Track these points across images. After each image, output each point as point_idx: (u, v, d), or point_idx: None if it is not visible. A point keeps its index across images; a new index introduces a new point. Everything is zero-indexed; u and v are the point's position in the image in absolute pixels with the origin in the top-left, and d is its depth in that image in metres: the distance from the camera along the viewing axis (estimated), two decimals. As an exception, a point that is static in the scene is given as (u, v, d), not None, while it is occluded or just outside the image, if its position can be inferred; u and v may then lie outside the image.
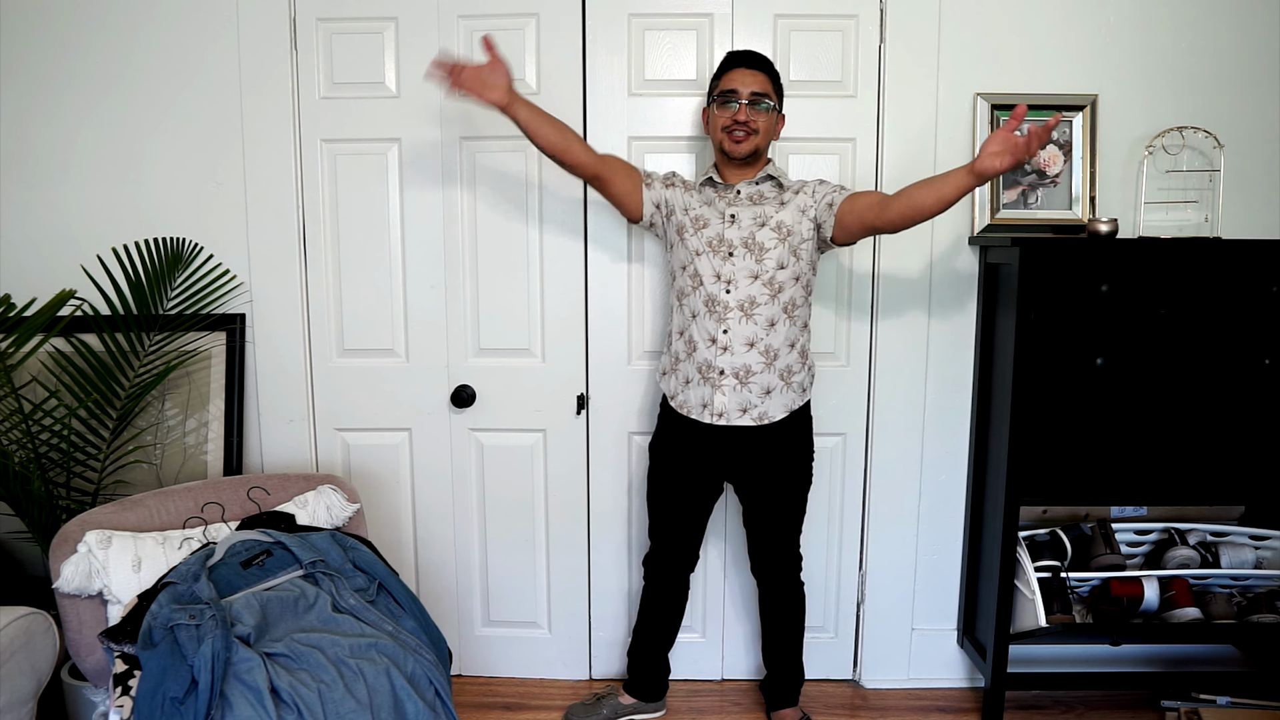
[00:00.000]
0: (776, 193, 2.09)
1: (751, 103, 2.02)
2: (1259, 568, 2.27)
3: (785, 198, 2.07)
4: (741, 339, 2.04)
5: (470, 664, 2.59)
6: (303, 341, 2.43)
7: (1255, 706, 2.28)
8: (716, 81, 2.08)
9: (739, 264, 2.04)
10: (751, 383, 2.05)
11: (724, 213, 2.07)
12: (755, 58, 2.06)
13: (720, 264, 2.05)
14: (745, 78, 2.03)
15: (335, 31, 2.32)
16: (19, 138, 2.37)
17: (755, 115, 2.02)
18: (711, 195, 2.11)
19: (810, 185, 2.08)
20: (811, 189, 2.07)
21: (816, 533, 2.48)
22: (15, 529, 2.24)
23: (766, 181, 2.10)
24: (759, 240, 2.03)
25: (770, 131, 2.07)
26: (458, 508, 2.50)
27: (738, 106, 2.02)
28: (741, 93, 2.02)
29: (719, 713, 2.42)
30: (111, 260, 2.26)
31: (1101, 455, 2.18)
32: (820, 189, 2.06)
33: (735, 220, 2.06)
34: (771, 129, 2.07)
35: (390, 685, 1.64)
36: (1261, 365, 2.15)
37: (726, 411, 2.07)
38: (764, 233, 2.03)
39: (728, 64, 2.08)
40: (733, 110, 2.02)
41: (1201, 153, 2.31)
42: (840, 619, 2.54)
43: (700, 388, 2.08)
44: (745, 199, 2.08)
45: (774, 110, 2.06)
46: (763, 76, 2.04)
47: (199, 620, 1.60)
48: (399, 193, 2.38)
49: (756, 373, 2.05)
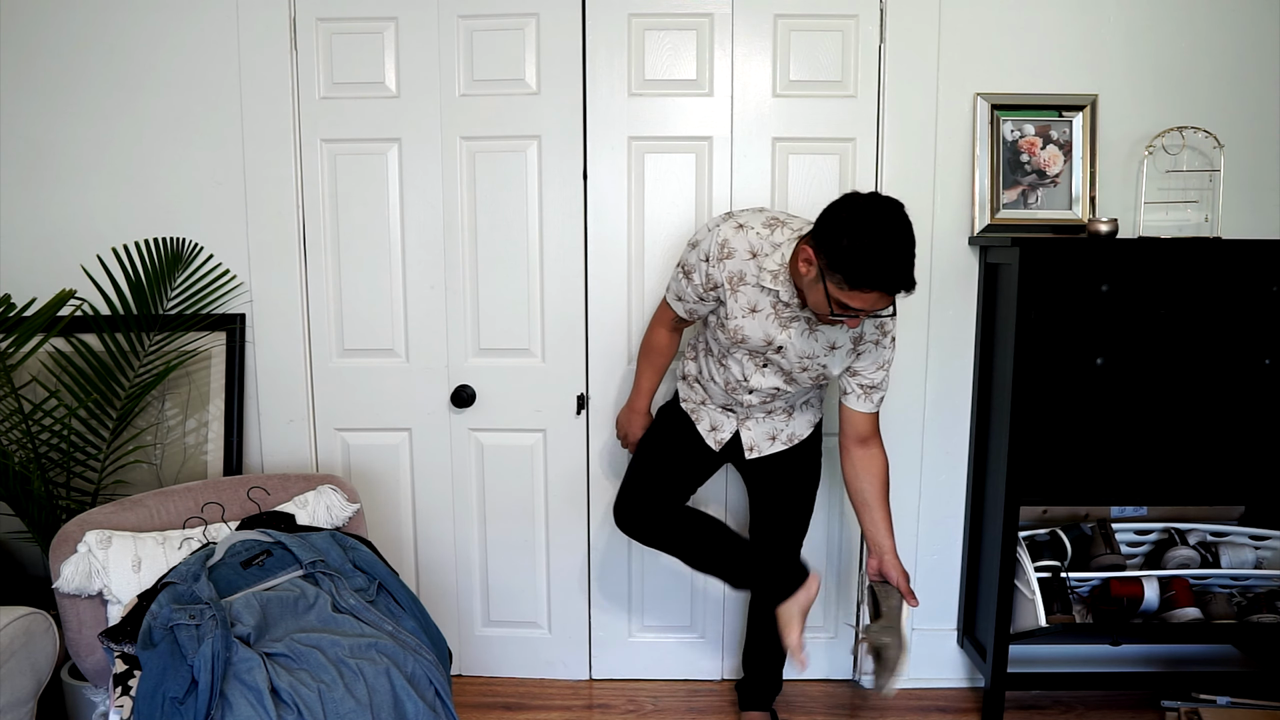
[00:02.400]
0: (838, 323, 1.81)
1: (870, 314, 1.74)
2: (1259, 568, 2.27)
3: (841, 335, 1.85)
4: (763, 434, 2.05)
5: (470, 664, 2.59)
6: (303, 341, 2.43)
7: (1255, 706, 2.28)
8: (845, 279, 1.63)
9: (769, 379, 1.95)
10: (776, 409, 2.04)
11: (771, 339, 1.86)
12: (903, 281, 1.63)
13: (751, 370, 1.94)
14: (880, 303, 1.67)
15: (335, 31, 2.32)
16: (20, 138, 2.36)
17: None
18: (768, 306, 1.84)
19: (867, 344, 1.86)
20: (862, 355, 1.88)
21: (817, 533, 2.47)
22: (15, 529, 2.24)
23: None
24: (796, 378, 1.94)
25: None
26: (458, 508, 2.50)
27: (855, 318, 1.73)
28: (866, 313, 1.71)
29: (719, 713, 2.42)
30: (111, 260, 2.26)
31: (1101, 455, 2.18)
32: (867, 360, 1.88)
33: (781, 352, 1.88)
34: None
35: (390, 685, 1.64)
36: (1261, 365, 2.15)
37: (757, 444, 2.05)
38: (803, 376, 1.93)
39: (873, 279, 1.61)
40: (848, 317, 1.73)
41: (1201, 153, 2.31)
42: (840, 619, 2.54)
43: (716, 413, 2.06)
44: (803, 322, 1.85)
45: None
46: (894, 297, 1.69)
47: (199, 620, 1.60)
48: (399, 193, 2.37)
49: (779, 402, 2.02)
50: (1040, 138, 2.31)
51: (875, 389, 1.96)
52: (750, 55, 2.30)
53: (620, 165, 2.34)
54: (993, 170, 2.31)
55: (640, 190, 2.35)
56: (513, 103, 2.32)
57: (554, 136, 2.33)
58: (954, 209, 2.34)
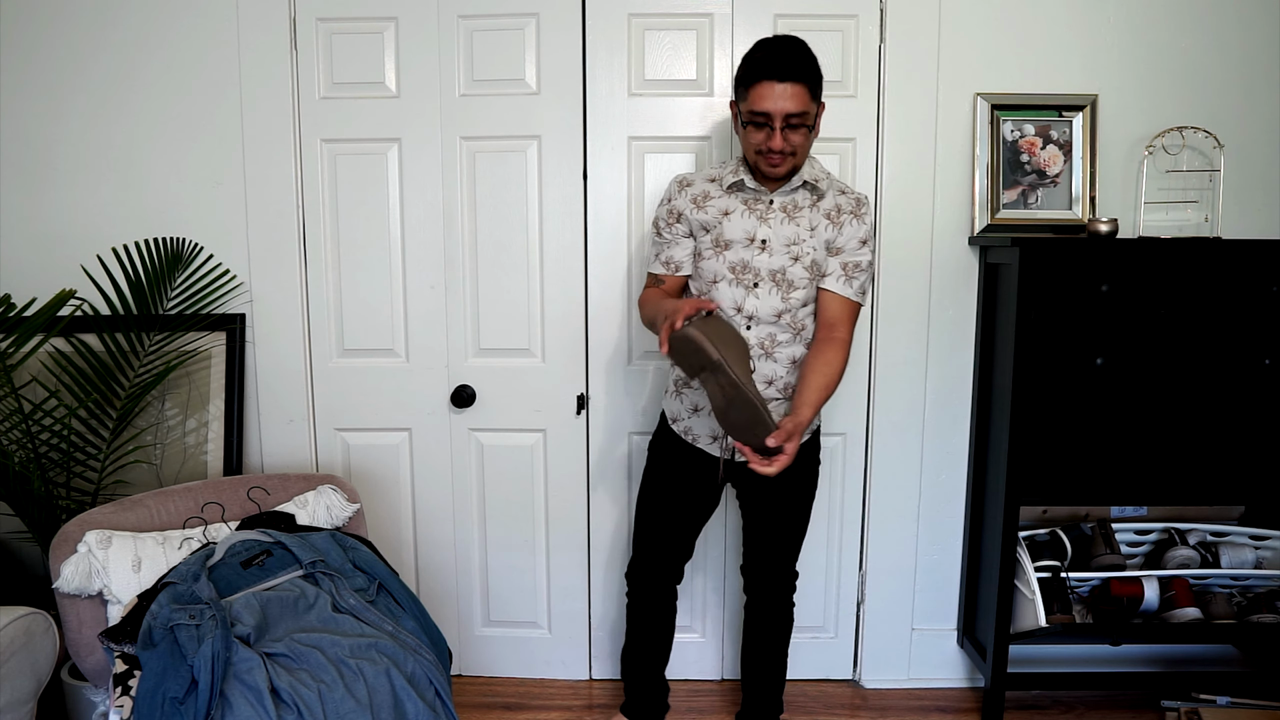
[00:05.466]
0: (811, 201, 1.86)
1: (787, 126, 1.74)
2: (1259, 568, 2.27)
3: (818, 215, 1.85)
4: (761, 377, 1.88)
5: (470, 664, 2.59)
6: (303, 341, 2.43)
7: (1255, 706, 2.28)
8: (744, 89, 1.76)
9: (764, 299, 1.85)
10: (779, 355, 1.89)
11: (753, 234, 1.85)
12: (790, 65, 1.71)
13: (743, 296, 1.86)
14: (779, 98, 1.71)
15: (335, 31, 2.32)
16: (19, 138, 2.36)
17: (793, 137, 1.75)
18: (739, 205, 1.87)
19: (845, 216, 1.85)
20: (842, 224, 1.85)
21: (817, 533, 2.47)
22: (15, 529, 2.24)
23: (802, 189, 1.87)
24: (790, 277, 1.84)
25: (811, 142, 1.82)
26: (458, 508, 2.50)
27: (770, 132, 1.74)
28: (775, 117, 1.72)
29: (719, 713, 2.42)
30: (111, 260, 2.26)
31: (1101, 455, 2.18)
32: (848, 234, 1.85)
33: (766, 247, 1.84)
34: (813, 139, 1.82)
35: (390, 685, 1.64)
36: (1261, 365, 2.15)
37: None
38: (796, 269, 1.84)
39: (757, 71, 1.72)
40: (766, 134, 1.75)
41: (1201, 153, 2.31)
42: (840, 619, 2.54)
43: (711, 419, 1.93)
44: (779, 210, 1.86)
45: (816, 120, 1.78)
46: (799, 89, 1.71)
47: (199, 620, 1.60)
48: (399, 193, 2.37)
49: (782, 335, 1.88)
50: (1040, 138, 2.31)
51: (859, 270, 1.86)
52: (750, 55, 2.30)
53: (620, 165, 2.34)
54: (993, 170, 2.31)
55: (640, 190, 2.35)
56: (513, 103, 2.32)
57: (554, 136, 2.33)
58: (954, 209, 2.34)
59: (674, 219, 1.94)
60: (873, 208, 1.93)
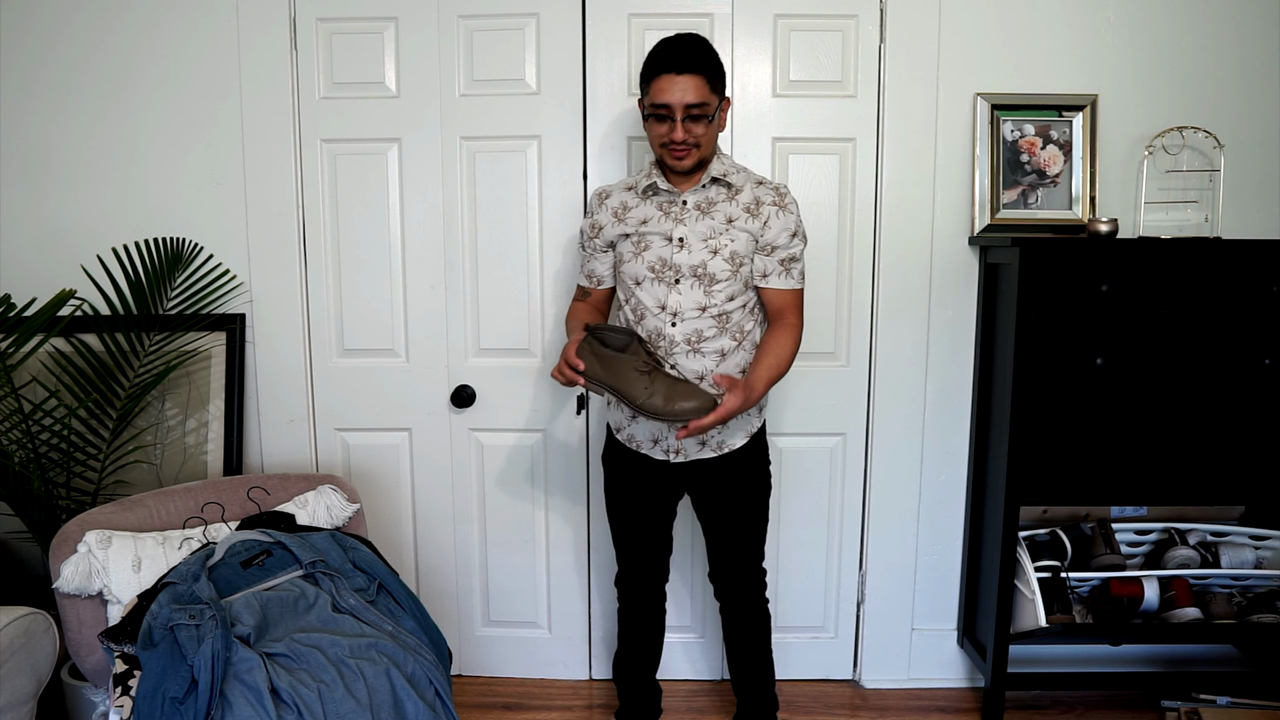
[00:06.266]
0: (726, 195, 1.88)
1: (689, 117, 1.78)
2: (1259, 568, 2.27)
3: (735, 208, 1.86)
4: (691, 372, 1.87)
5: (470, 664, 2.59)
6: (303, 341, 2.43)
7: (1255, 706, 2.28)
8: (646, 84, 1.81)
9: (686, 295, 1.85)
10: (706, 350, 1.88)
11: (669, 234, 1.86)
12: (688, 58, 1.77)
13: (665, 293, 1.86)
14: (676, 89, 1.76)
15: (335, 31, 2.32)
16: (19, 138, 2.37)
17: (694, 129, 1.79)
18: (653, 210, 1.90)
19: (767, 209, 1.86)
20: (766, 218, 1.86)
21: (817, 533, 2.48)
22: (15, 529, 2.24)
23: (714, 185, 1.89)
24: (710, 271, 1.84)
25: (715, 133, 1.85)
26: (458, 508, 2.50)
27: (673, 124, 1.79)
28: (674, 108, 1.77)
29: (719, 713, 2.42)
30: (111, 260, 2.26)
31: (1101, 455, 2.18)
32: (776, 229, 1.86)
33: (684, 245, 1.85)
34: (715, 130, 1.85)
35: (390, 685, 1.64)
36: (1261, 365, 2.15)
37: (684, 448, 1.92)
38: (716, 262, 1.84)
39: (657, 65, 1.78)
40: (669, 126, 1.79)
41: (1201, 153, 2.31)
42: (840, 619, 2.54)
43: (649, 423, 1.91)
44: (693, 209, 1.88)
45: (717, 113, 1.82)
46: (697, 80, 1.76)
47: (199, 620, 1.60)
48: (399, 193, 2.37)
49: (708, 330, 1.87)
50: (1040, 138, 2.31)
51: (794, 262, 1.90)
52: (750, 55, 2.30)
53: (621, 165, 2.34)
54: (993, 170, 2.31)
55: (640, 190, 2.35)
56: (513, 103, 2.32)
57: (554, 136, 2.33)
58: (954, 209, 2.34)
59: (595, 233, 1.99)
60: (797, 199, 1.94)
